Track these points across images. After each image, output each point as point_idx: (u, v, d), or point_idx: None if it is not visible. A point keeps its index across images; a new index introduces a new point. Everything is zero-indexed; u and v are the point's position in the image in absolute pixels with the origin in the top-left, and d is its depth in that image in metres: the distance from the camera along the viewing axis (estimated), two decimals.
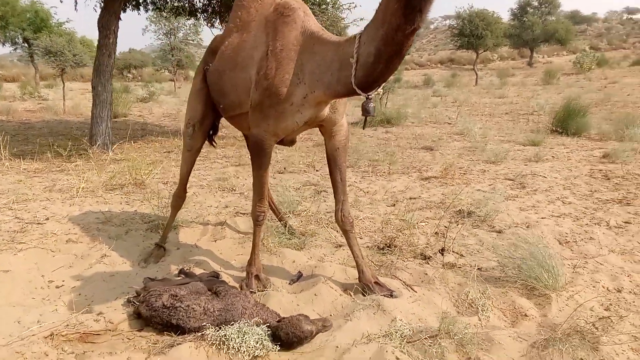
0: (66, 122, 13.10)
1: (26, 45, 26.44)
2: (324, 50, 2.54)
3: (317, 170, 6.87)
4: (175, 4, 10.99)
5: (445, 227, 4.24)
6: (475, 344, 2.43)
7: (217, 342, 2.36)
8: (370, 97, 2.43)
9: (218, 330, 2.41)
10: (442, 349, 2.37)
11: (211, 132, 3.82)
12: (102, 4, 8.23)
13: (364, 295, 2.96)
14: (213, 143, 3.95)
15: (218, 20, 11.30)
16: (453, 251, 3.72)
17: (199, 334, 2.44)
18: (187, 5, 10.99)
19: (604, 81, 25.00)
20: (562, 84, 24.99)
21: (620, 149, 7.48)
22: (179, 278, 3.12)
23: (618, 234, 4.25)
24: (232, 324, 2.44)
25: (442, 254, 3.63)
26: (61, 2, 9.28)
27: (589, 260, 3.67)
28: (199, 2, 11.00)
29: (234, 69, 3.05)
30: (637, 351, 2.49)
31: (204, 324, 2.47)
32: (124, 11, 9.48)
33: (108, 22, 8.12)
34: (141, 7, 10.64)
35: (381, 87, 2.43)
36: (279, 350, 2.39)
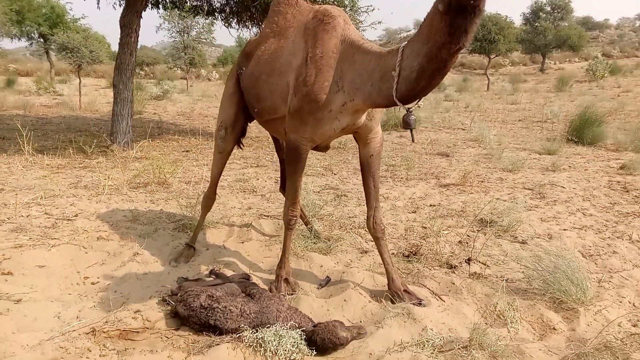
0: (83, 119, 13.23)
1: (42, 40, 26.66)
2: (364, 60, 2.57)
3: (334, 174, 6.92)
4: (194, 4, 11.09)
5: (469, 236, 4.28)
6: (508, 357, 2.46)
7: (255, 344, 2.42)
8: (411, 110, 2.47)
9: (255, 333, 2.47)
10: (475, 359, 2.40)
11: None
12: (125, 3, 8.32)
13: (393, 303, 3.00)
14: (240, 145, 3.99)
15: (235, 20, 11.39)
16: (478, 261, 3.75)
17: (236, 335, 2.50)
18: (205, 5, 11.09)
19: (617, 89, 24.89)
20: (575, 91, 24.89)
21: (637, 160, 7.47)
22: (211, 279, 3.18)
23: None
24: (268, 327, 2.49)
25: (469, 264, 3.66)
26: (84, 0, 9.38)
27: (614, 275, 3.68)
28: (217, 2, 11.10)
29: (271, 74, 3.10)
30: None
31: (241, 325, 2.53)
32: (144, 10, 9.58)
33: (130, 21, 8.22)
34: (160, 6, 10.74)
35: (421, 100, 2.46)
36: (314, 355, 2.43)
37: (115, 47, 8.45)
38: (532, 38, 39.37)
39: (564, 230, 4.65)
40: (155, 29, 29.46)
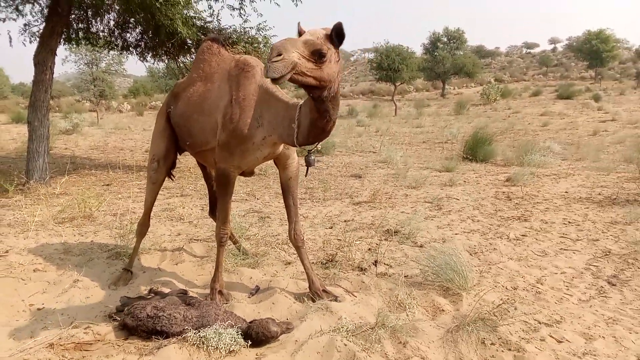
0: None
1: None
2: (277, 106, 3.19)
3: (257, 199, 7.40)
4: (108, 39, 11.20)
5: (377, 244, 4.94)
6: (405, 332, 3.08)
7: (198, 342, 2.85)
8: (311, 150, 3.11)
9: (198, 333, 2.89)
10: (379, 336, 3.00)
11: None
12: (39, 41, 8.37)
13: (314, 301, 3.54)
14: (171, 177, 4.39)
15: (150, 55, 11.62)
16: (384, 263, 4.42)
17: (182, 337, 2.90)
18: (119, 40, 11.24)
19: (508, 111, 27.69)
20: (472, 113, 27.36)
21: (520, 173, 8.68)
22: (151, 296, 3.53)
23: (516, 245, 5.15)
24: (209, 327, 2.93)
25: (376, 266, 4.31)
26: None
27: (493, 267, 4.50)
28: (132, 37, 11.29)
29: (201, 113, 3.59)
30: (527, 331, 3.25)
31: (185, 328, 2.94)
32: (58, 47, 9.60)
33: (45, 59, 8.27)
34: (74, 42, 10.77)
35: (319, 144, 3.12)
36: (250, 346, 2.90)
37: (14, 80, 8.44)
38: (432, 66, 42.75)
39: (456, 234, 5.48)
40: (61, 61, 28.40)
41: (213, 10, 10.16)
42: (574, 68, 65.65)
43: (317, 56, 2.56)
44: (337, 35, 2.61)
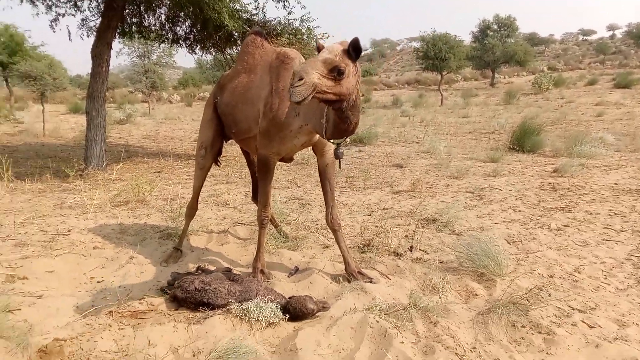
0: (49, 145, 13.47)
1: (0, 68, 26.39)
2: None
3: (299, 187, 7.63)
4: (160, 33, 11.68)
5: (414, 231, 5.04)
6: (436, 313, 3.20)
7: (241, 314, 3.09)
8: (340, 144, 3.24)
9: (240, 305, 3.12)
10: (411, 315, 3.13)
11: None
12: (96, 35, 8.88)
13: (349, 282, 3.71)
14: (218, 163, 4.65)
15: (199, 47, 12.04)
16: (420, 249, 4.52)
17: (226, 308, 3.14)
18: (170, 34, 11.70)
19: (561, 100, 26.66)
20: (522, 103, 26.54)
21: (568, 164, 8.47)
22: (199, 273, 3.80)
23: (557, 235, 5.11)
24: (251, 301, 3.15)
25: (411, 251, 4.42)
26: (54, 32, 9.88)
27: (530, 255, 4.51)
28: (181, 31, 11.73)
29: (245, 103, 3.82)
30: (559, 316, 3.30)
31: (229, 301, 3.18)
32: (114, 40, 10.12)
33: (101, 52, 8.78)
34: (128, 36, 11.31)
35: (347, 138, 3.24)
36: (288, 320, 3.11)
37: (72, 72, 8.98)
38: (481, 55, 41.61)
39: (495, 223, 5.49)
40: (115, 54, 29.62)
41: (258, 3, 10.41)
42: (633, 56, 62.16)
43: (336, 73, 2.67)
44: (354, 49, 2.73)
